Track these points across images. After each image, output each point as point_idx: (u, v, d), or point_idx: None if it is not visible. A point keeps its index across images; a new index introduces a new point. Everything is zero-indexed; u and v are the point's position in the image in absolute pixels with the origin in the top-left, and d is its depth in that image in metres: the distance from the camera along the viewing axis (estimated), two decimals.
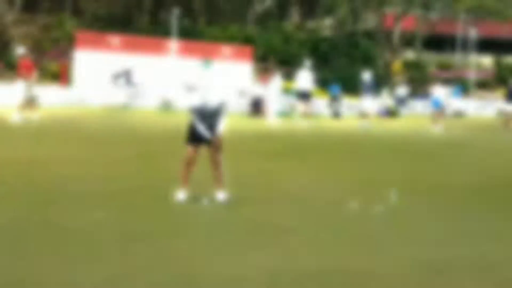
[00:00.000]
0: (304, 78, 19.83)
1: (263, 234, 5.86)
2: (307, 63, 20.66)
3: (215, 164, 7.18)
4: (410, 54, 40.02)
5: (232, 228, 6.08)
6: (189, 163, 7.12)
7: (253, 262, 4.91)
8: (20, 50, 16.81)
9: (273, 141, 14.43)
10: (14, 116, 15.49)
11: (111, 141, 12.74)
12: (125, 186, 8.02)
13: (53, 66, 27.40)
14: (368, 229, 6.27)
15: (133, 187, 8.00)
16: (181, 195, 7.06)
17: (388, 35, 35.59)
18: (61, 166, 9.49)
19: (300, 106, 20.01)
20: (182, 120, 8.18)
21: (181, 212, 6.68)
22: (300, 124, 18.77)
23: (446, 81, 31.02)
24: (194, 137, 7.11)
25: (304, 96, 19.77)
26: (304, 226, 6.32)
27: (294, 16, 45.59)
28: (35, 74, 16.33)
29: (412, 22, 37.82)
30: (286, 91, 25.54)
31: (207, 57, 27.17)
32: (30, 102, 16.00)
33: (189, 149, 7.13)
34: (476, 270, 4.97)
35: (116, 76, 24.58)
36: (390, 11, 35.14)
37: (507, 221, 6.93)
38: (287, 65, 32.45)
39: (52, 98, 22.54)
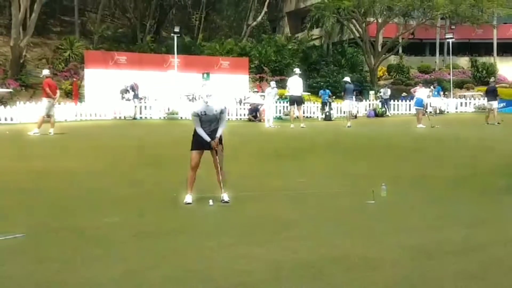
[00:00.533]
0: (295, 85, 19.71)
1: (266, 229, 5.86)
2: (297, 70, 20.57)
3: (218, 168, 7.17)
4: (393, 59, 40.06)
5: (237, 225, 6.08)
6: (194, 168, 7.12)
7: (258, 255, 4.90)
8: (45, 72, 16.99)
9: (271, 144, 14.42)
10: (33, 130, 15.57)
11: (121, 150, 12.72)
12: (135, 191, 8.03)
13: (66, 84, 27.41)
14: (362, 219, 6.29)
15: (143, 191, 8.01)
16: (188, 198, 7.06)
17: (372, 42, 35.61)
18: (76, 174, 9.49)
19: (292, 111, 19.94)
20: (186, 129, 8.18)
21: (188, 213, 6.69)
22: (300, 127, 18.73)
23: (427, 83, 31.08)
24: (197, 143, 7.13)
25: (295, 101, 19.71)
26: (304, 220, 6.33)
27: (285, 28, 45.69)
28: (58, 93, 16.47)
29: (393, 29, 37.93)
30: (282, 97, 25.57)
31: (207, 70, 26.97)
32: (48, 118, 16.07)
33: (193, 155, 7.13)
34: (462, 252, 4.99)
35: (123, 91, 24.57)
36: (373, 20, 35.18)
37: (488, 206, 6.96)
38: (280, 74, 32.49)
39: (66, 113, 22.57)
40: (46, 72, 17.13)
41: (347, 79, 20.98)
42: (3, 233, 5.49)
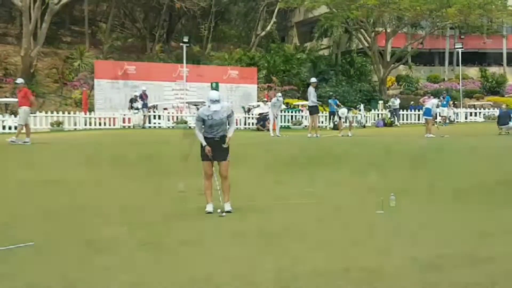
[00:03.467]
0: (308, 95, 19.68)
1: (275, 239, 5.84)
2: (311, 79, 20.53)
3: (223, 177, 7.14)
4: (402, 69, 40.00)
5: (244, 234, 6.06)
6: (207, 177, 7.09)
7: (267, 265, 4.88)
8: (21, 80, 16.37)
9: (279, 153, 14.39)
10: (25, 138, 15.16)
11: (130, 160, 12.73)
12: (143, 200, 8.04)
13: (76, 94, 27.61)
14: (371, 230, 6.25)
15: (151, 201, 8.01)
16: (209, 207, 7.03)
17: (380, 52, 35.61)
18: (84, 185, 9.51)
19: (309, 120, 19.98)
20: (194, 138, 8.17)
21: (196, 223, 6.68)
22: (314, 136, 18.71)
23: (436, 93, 31.01)
24: (205, 153, 7.06)
25: (313, 110, 19.73)
26: (313, 230, 6.30)
27: (294, 38, 45.80)
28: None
29: (402, 39, 37.91)
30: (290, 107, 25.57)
31: (216, 79, 27.00)
32: (21, 127, 15.69)
33: (204, 165, 7.11)
34: (471, 265, 4.92)
35: (132, 100, 24.72)
36: (382, 30, 35.20)
37: (498, 217, 6.89)
38: (289, 84, 32.53)
39: (76, 123, 22.71)
40: (21, 80, 16.50)
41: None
42: (13, 243, 5.51)
